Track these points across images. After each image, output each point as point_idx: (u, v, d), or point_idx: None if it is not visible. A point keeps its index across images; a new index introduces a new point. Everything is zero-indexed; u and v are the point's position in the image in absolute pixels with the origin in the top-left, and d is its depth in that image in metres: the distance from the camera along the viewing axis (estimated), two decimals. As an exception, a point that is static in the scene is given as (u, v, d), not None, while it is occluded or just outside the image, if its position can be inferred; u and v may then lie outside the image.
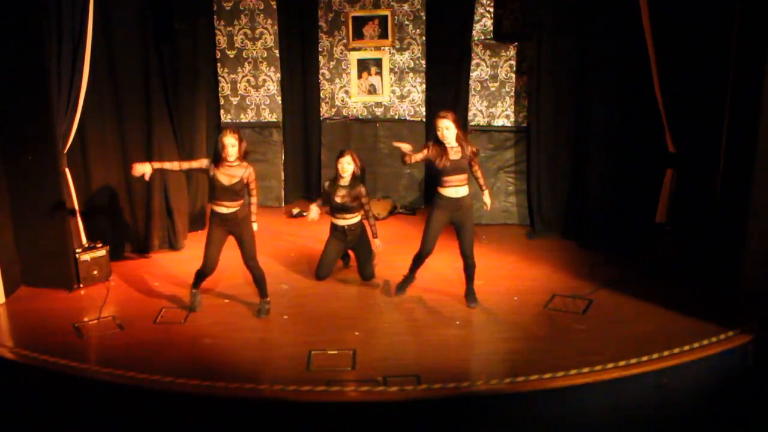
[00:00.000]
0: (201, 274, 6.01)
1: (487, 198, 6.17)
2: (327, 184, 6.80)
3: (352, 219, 6.66)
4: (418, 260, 6.23)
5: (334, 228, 6.75)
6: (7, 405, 5.28)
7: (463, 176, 5.90)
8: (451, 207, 5.91)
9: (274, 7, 8.93)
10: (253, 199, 5.91)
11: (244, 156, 5.72)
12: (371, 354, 5.35)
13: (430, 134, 9.10)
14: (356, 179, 6.60)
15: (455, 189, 5.87)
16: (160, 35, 7.24)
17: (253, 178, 5.77)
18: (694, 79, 6.37)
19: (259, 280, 6.01)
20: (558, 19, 7.58)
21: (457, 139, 5.83)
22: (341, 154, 6.65)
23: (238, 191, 5.70)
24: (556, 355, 5.23)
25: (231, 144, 5.62)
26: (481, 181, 6.15)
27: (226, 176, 5.66)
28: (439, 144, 5.84)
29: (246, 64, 9.10)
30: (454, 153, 5.83)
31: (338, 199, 6.60)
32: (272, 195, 9.35)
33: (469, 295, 6.20)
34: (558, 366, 5.02)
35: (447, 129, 5.77)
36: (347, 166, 6.56)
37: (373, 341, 5.60)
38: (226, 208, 5.71)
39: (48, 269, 6.50)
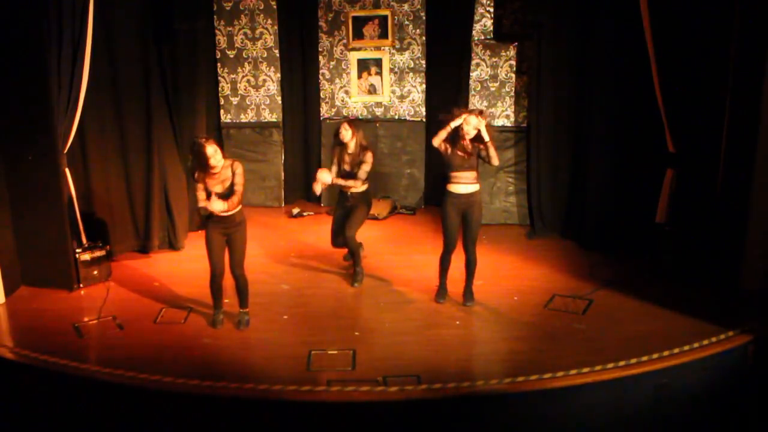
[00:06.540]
0: (214, 284, 5.79)
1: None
2: (337, 149, 6.69)
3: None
4: (445, 260, 6.17)
5: (339, 195, 6.73)
6: (7, 405, 5.28)
7: (472, 174, 5.90)
8: (461, 204, 5.93)
9: (274, 7, 8.93)
10: (238, 187, 5.53)
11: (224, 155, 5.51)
12: (371, 354, 5.35)
13: (431, 130, 9.14)
14: (364, 148, 6.53)
15: (464, 186, 5.89)
16: (160, 35, 7.23)
17: (240, 172, 5.49)
18: (694, 79, 6.36)
19: (242, 289, 5.83)
20: (558, 19, 7.58)
21: (471, 138, 5.81)
22: (340, 125, 6.64)
23: (231, 193, 5.52)
24: (556, 355, 5.23)
25: (213, 153, 5.36)
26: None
27: (218, 183, 5.47)
28: (454, 139, 5.83)
29: (246, 64, 9.09)
30: (465, 148, 5.83)
31: (345, 167, 6.57)
32: (272, 195, 9.34)
33: (467, 293, 6.20)
34: (558, 366, 5.02)
35: (471, 127, 5.76)
36: (345, 132, 6.51)
37: (373, 341, 5.61)
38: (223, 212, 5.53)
39: (48, 269, 6.50)
